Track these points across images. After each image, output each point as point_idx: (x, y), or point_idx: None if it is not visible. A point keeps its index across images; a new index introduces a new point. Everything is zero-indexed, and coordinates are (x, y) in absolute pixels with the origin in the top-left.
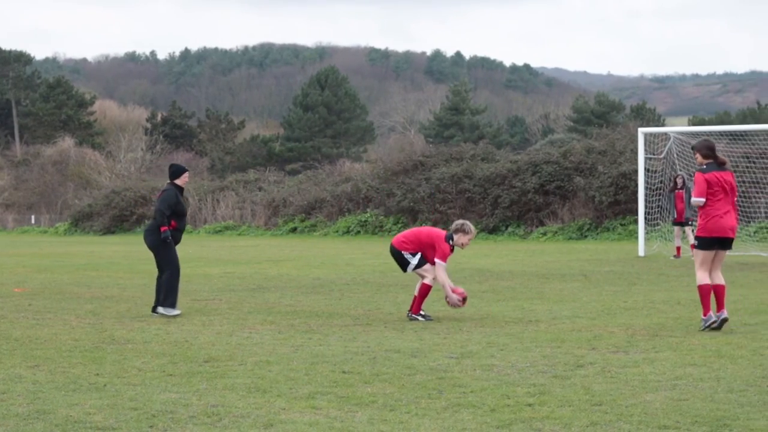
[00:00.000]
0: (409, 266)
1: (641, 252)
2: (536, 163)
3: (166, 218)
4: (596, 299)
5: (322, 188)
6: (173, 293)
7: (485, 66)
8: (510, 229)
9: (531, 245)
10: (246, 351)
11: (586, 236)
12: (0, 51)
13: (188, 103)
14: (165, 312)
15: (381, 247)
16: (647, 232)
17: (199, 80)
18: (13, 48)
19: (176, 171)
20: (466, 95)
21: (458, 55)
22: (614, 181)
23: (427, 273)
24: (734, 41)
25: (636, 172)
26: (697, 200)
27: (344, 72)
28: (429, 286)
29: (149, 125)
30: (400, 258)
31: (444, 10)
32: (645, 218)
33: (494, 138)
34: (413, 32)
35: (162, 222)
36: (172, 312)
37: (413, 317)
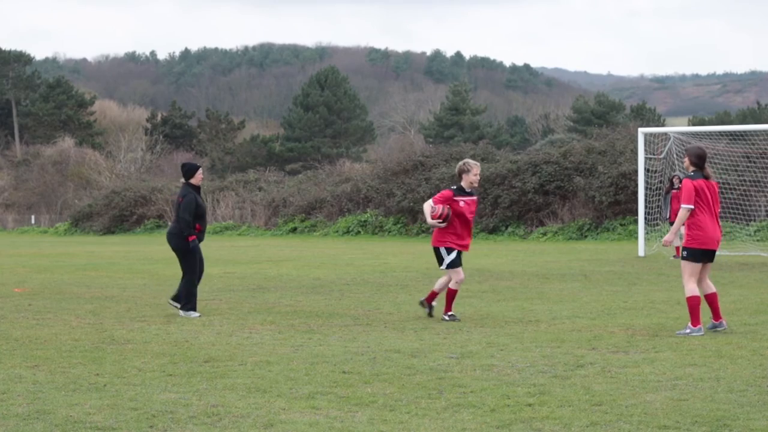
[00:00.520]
0: (443, 263)
1: (641, 252)
2: (536, 163)
3: (192, 225)
4: (596, 299)
5: (322, 188)
6: (192, 298)
7: (485, 66)
8: (510, 229)
9: (531, 245)
10: (246, 351)
11: (586, 236)
12: (0, 51)
13: (188, 103)
14: (185, 316)
15: (381, 247)
16: (647, 232)
17: (199, 80)
18: (13, 48)
19: (189, 170)
20: (466, 95)
21: (458, 55)
22: (614, 181)
23: (453, 276)
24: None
25: (636, 172)
26: (687, 207)
27: (344, 72)
28: (455, 291)
29: (149, 125)
30: (437, 253)
31: (444, 10)
32: (645, 218)
33: (494, 138)
34: (413, 32)
35: (188, 232)
36: (192, 315)
37: (425, 303)
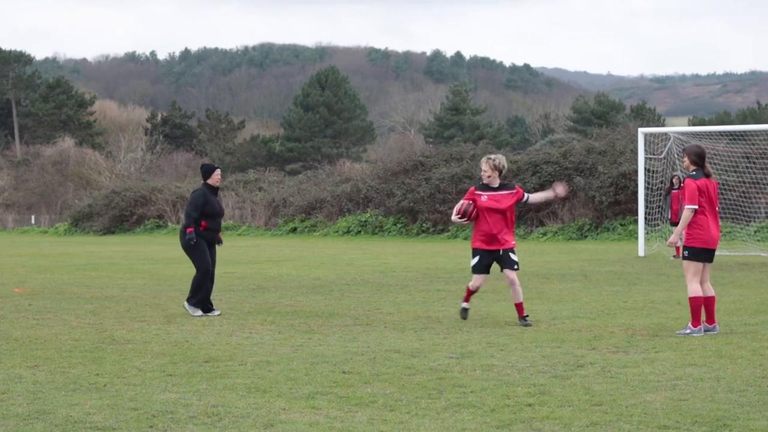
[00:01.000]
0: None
1: (641, 252)
2: (536, 163)
3: (194, 220)
4: (596, 299)
5: (322, 188)
6: (197, 292)
7: (485, 66)
8: None
9: (531, 245)
10: (246, 351)
11: (586, 236)
12: (0, 51)
13: (188, 103)
14: (188, 308)
15: (381, 247)
16: (647, 233)
17: (199, 80)
18: (13, 48)
19: (206, 171)
20: (466, 95)
21: (458, 55)
22: (614, 181)
23: (473, 280)
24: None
25: (636, 172)
26: (692, 207)
27: (344, 72)
28: (470, 292)
29: (149, 125)
30: None
31: (444, 10)
32: (645, 218)
33: (494, 138)
34: (413, 32)
35: (188, 224)
36: (195, 312)
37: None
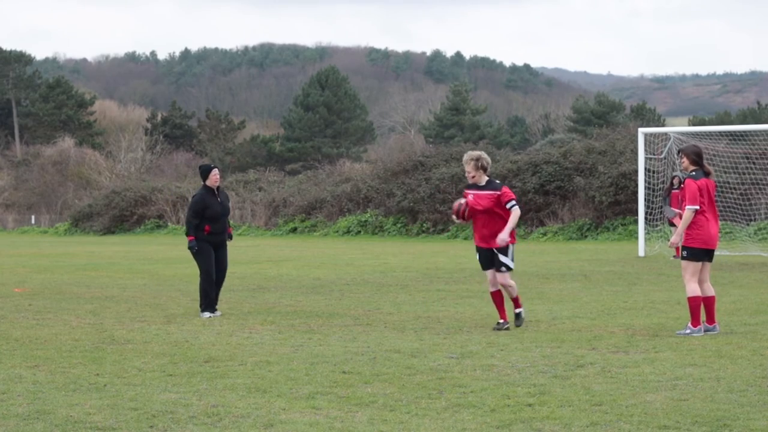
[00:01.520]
0: None
1: (641, 252)
2: (536, 163)
3: (193, 227)
4: (596, 299)
5: (322, 188)
6: (204, 298)
7: (485, 66)
8: None
9: (531, 245)
10: (246, 351)
11: (586, 236)
12: (0, 51)
13: (188, 103)
14: (202, 317)
15: (381, 247)
16: (647, 232)
17: (199, 80)
18: (14, 48)
19: (203, 172)
20: (466, 95)
21: (458, 55)
22: (614, 181)
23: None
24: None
25: (636, 172)
26: (693, 208)
27: (344, 72)
28: (492, 295)
29: (149, 125)
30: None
31: (444, 10)
32: (645, 218)
33: (494, 138)
34: (413, 32)
35: (187, 231)
36: (203, 315)
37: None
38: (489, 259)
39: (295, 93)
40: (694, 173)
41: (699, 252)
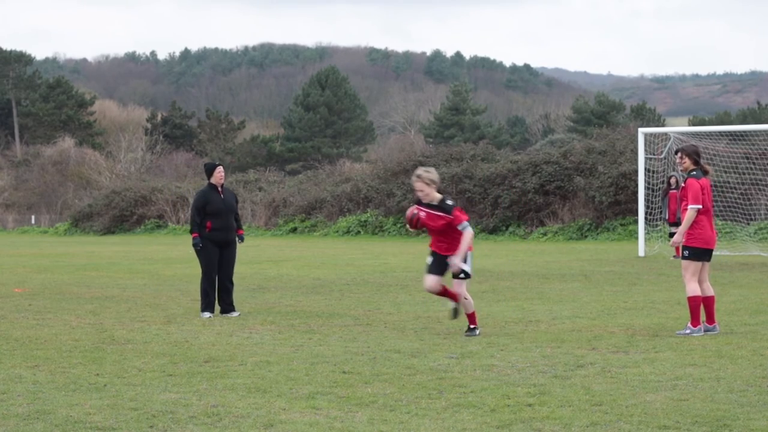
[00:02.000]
0: None
1: (641, 252)
2: (536, 164)
3: (197, 224)
4: (596, 299)
5: (322, 188)
6: (204, 297)
7: (485, 66)
8: (510, 230)
9: (531, 245)
10: (246, 351)
11: (586, 236)
12: (0, 51)
13: (188, 103)
14: (200, 315)
15: (381, 248)
16: (647, 233)
17: (199, 80)
18: (14, 48)
19: (208, 170)
20: (466, 95)
21: (458, 55)
22: (614, 181)
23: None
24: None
25: (636, 172)
26: (696, 207)
27: (344, 72)
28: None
29: (149, 125)
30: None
31: (444, 10)
32: (645, 218)
33: (494, 138)
34: (413, 32)
35: (191, 229)
36: (203, 315)
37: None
38: (442, 265)
39: (295, 93)
40: (695, 173)
41: (700, 252)
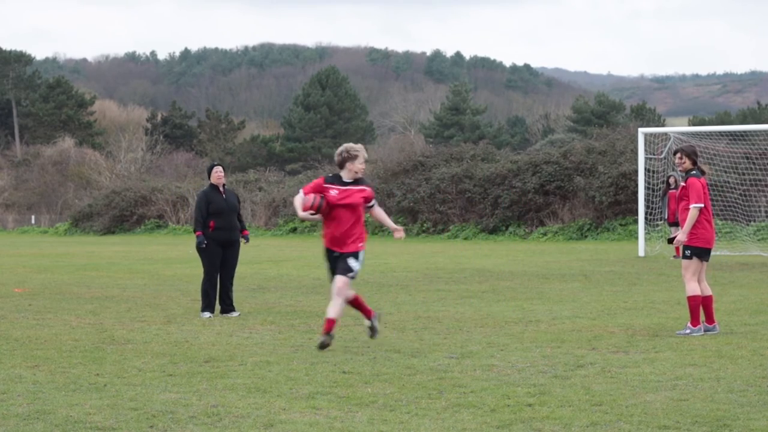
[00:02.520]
0: None
1: (641, 252)
2: (536, 163)
3: (201, 223)
4: (596, 299)
5: None
6: (204, 298)
7: (485, 66)
8: (510, 230)
9: (531, 245)
10: (246, 351)
11: (586, 236)
12: (0, 51)
13: (188, 103)
14: (200, 315)
15: (381, 247)
16: (647, 232)
17: (199, 80)
18: (14, 48)
19: (208, 170)
20: (466, 95)
21: (458, 55)
22: (614, 181)
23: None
24: (734, 41)
25: (636, 173)
26: (698, 206)
27: (344, 72)
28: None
29: (149, 125)
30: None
31: (444, 10)
32: (645, 218)
33: (494, 138)
34: (413, 32)
35: (194, 227)
36: (203, 315)
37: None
38: (343, 262)
39: (296, 93)
40: (694, 172)
41: (702, 251)
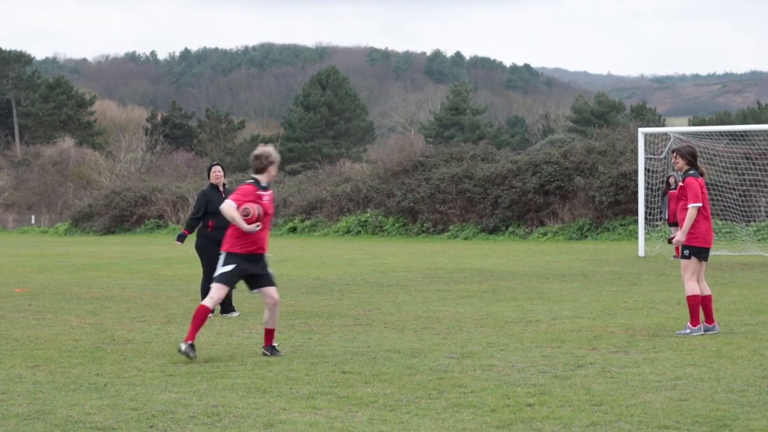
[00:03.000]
0: (216, 271)
1: (641, 252)
2: (536, 163)
3: (194, 221)
4: (596, 299)
5: (322, 188)
6: (203, 298)
7: (485, 66)
8: (510, 230)
9: (531, 245)
10: (246, 351)
11: (586, 236)
12: (0, 51)
13: (188, 103)
14: None
15: (381, 247)
16: (647, 232)
17: (199, 80)
18: (13, 48)
19: (207, 169)
20: (467, 95)
21: (458, 55)
22: (614, 181)
23: (214, 291)
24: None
25: (636, 172)
26: (696, 205)
27: (344, 72)
28: (208, 310)
29: (149, 125)
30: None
31: (444, 10)
32: (645, 218)
33: (494, 138)
34: (413, 32)
35: (186, 225)
36: None
37: (265, 351)
38: (246, 273)
39: (296, 93)
40: (692, 172)
41: (701, 251)
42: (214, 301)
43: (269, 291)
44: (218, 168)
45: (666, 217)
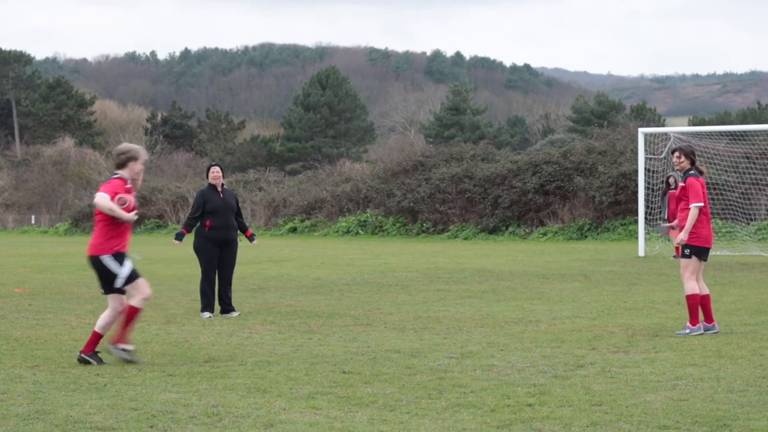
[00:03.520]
0: (118, 278)
1: (641, 252)
2: (536, 163)
3: (192, 219)
4: (596, 299)
5: (322, 188)
6: (202, 298)
7: (485, 66)
8: (510, 230)
9: (531, 245)
10: (246, 351)
11: (587, 236)
12: (0, 51)
13: (188, 103)
14: (200, 315)
15: (381, 247)
16: (647, 232)
17: (199, 80)
18: (13, 48)
19: (206, 169)
20: (467, 95)
21: (458, 55)
22: (614, 181)
23: (137, 291)
24: (734, 41)
25: (636, 172)
26: (698, 205)
27: (344, 72)
28: (138, 310)
29: (149, 125)
30: (101, 267)
31: (444, 10)
32: (645, 218)
33: (494, 138)
34: (413, 32)
35: (183, 224)
36: (203, 315)
37: (86, 358)
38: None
39: (296, 93)
40: (693, 172)
41: (702, 251)
42: (147, 299)
43: (122, 297)
44: (217, 168)
45: (666, 217)
